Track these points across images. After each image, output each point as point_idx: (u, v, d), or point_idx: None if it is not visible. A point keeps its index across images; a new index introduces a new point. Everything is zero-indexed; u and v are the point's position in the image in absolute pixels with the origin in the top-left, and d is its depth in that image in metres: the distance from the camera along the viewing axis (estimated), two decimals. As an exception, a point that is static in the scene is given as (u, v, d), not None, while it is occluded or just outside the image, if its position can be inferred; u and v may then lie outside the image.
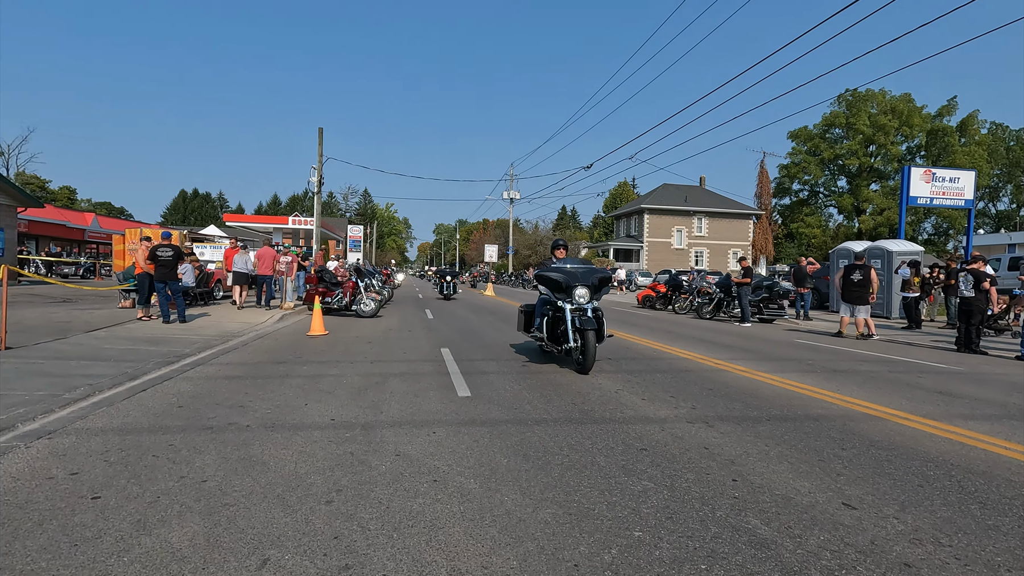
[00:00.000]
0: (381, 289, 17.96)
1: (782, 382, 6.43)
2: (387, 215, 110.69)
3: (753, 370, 7.24)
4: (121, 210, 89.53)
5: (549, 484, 3.19)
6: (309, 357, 7.78)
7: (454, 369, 6.92)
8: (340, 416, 4.64)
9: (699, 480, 3.27)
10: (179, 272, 14.48)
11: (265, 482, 3.18)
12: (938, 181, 18.77)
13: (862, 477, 3.37)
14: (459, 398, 5.37)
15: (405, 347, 8.91)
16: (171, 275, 10.52)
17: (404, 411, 4.84)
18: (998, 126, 64.62)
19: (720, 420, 4.64)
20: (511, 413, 4.80)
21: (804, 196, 66.79)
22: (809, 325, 15.04)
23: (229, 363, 7.21)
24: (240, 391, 5.54)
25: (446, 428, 4.32)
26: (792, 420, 4.69)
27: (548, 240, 56.29)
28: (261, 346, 8.80)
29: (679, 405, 5.15)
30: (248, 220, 47.53)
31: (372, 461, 3.55)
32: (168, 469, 3.36)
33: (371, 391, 5.63)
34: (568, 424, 4.47)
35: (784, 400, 5.47)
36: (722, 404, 5.22)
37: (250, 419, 4.50)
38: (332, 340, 9.59)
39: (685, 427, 4.40)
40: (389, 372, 6.70)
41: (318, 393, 5.49)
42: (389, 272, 32.96)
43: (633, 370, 7.06)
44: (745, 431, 4.32)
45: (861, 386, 6.33)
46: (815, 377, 6.85)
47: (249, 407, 4.90)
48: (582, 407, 5.05)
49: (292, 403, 5.08)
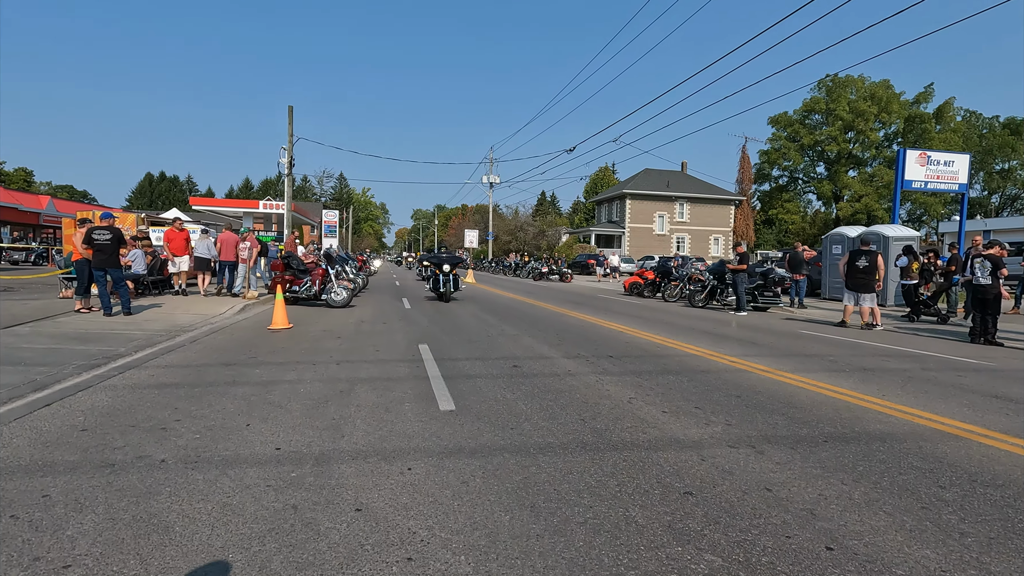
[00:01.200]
0: (355, 277, 16.79)
1: (815, 385, 5.59)
2: (364, 200, 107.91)
3: (774, 369, 6.40)
4: (84, 194, 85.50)
5: (574, 561, 2.24)
6: (265, 357, 6.70)
7: (434, 371, 5.92)
8: (289, 443, 3.62)
9: (780, 549, 2.35)
10: (127, 258, 13.19)
11: (158, 567, 2.16)
12: (933, 164, 18.23)
13: (995, 539, 2.49)
14: (441, 413, 4.38)
15: (378, 343, 7.87)
16: (111, 261, 9.21)
17: (372, 434, 3.83)
18: (972, 113, 65.25)
19: (767, 442, 3.74)
20: (507, 435, 3.84)
21: (783, 182, 66.86)
22: (805, 313, 14.37)
23: (168, 366, 6.09)
24: (169, 405, 4.47)
25: (425, 461, 3.33)
26: (854, 441, 3.82)
27: (529, 226, 55.22)
28: (212, 343, 7.67)
29: (710, 420, 4.25)
30: (216, 204, 45.28)
31: (322, 523, 2.55)
32: (19, 548, 2.31)
33: (333, 403, 4.60)
34: (581, 452, 3.52)
35: (830, 411, 4.61)
36: (761, 418, 4.33)
37: (168, 450, 3.45)
38: (295, 335, 8.49)
39: (729, 454, 3.49)
40: (357, 376, 5.67)
41: (266, 407, 4.45)
42: (364, 258, 31.62)
43: (641, 371, 6.15)
44: (805, 460, 3.42)
45: (904, 389, 5.52)
46: (847, 378, 6.03)
47: (173, 430, 3.84)
48: (593, 424, 4.11)
49: (231, 423, 4.03)
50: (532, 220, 57.82)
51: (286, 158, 24.88)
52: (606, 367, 6.32)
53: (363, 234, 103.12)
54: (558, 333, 9.16)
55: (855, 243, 17.11)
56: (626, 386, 5.38)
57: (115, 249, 9.24)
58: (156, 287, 14.07)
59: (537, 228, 54.64)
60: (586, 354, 7.17)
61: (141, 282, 13.43)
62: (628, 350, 7.60)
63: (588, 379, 5.67)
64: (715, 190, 54.89)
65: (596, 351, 7.42)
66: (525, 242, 52.58)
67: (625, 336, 9.01)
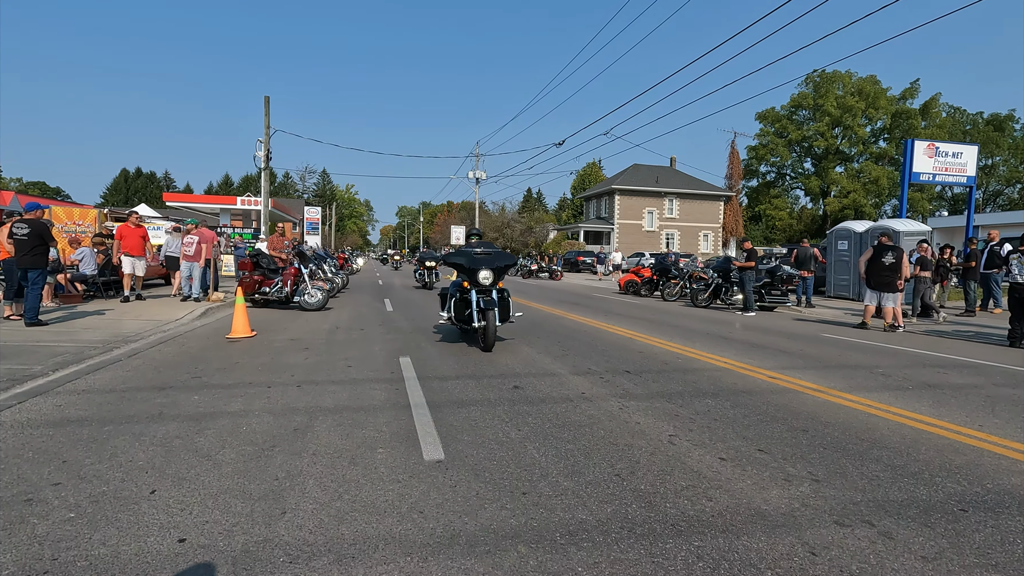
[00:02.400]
0: (333, 276, 15.54)
1: (884, 410, 4.56)
2: (347, 197, 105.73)
3: (824, 387, 5.36)
4: (57, 190, 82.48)
5: None
6: (211, 376, 5.51)
7: (418, 398, 4.78)
8: (202, 527, 2.47)
9: None
10: (72, 257, 11.82)
11: None
12: (941, 156, 17.44)
13: None
14: (425, 466, 3.25)
15: (352, 356, 6.70)
16: (30, 260, 7.83)
17: (327, 507, 2.70)
18: (956, 109, 65.42)
19: (885, 513, 2.67)
20: (519, 506, 2.72)
21: (771, 178, 66.54)
22: (815, 313, 13.47)
23: (85, 391, 4.88)
24: (57, 456, 3.29)
25: (401, 564, 2.21)
26: (1003, 510, 2.76)
27: (516, 223, 54.09)
28: (155, 357, 6.45)
29: (789, 473, 3.17)
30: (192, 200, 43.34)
31: None
32: None
33: (281, 450, 3.45)
34: (629, 538, 2.42)
35: (932, 452, 3.56)
36: (852, 468, 3.27)
37: (17, 546, 2.29)
38: (256, 345, 7.29)
39: (845, 540, 2.41)
40: (320, 405, 4.52)
41: (188, 459, 3.29)
42: (346, 256, 30.24)
43: (670, 393, 5.07)
44: (958, 548, 2.36)
45: (993, 414, 4.52)
46: (915, 398, 5.01)
47: (41, 503, 2.67)
48: (634, 483, 3.01)
49: (129, 488, 2.87)
50: (519, 217, 56.69)
51: (263, 151, 23.48)
52: (626, 387, 5.23)
53: (347, 231, 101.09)
54: (560, 341, 8.06)
55: (864, 238, 16.33)
56: (659, 416, 4.29)
57: (34, 245, 7.89)
58: (111, 289, 12.72)
59: (524, 225, 53.53)
60: (598, 369, 6.08)
61: (92, 283, 12.09)
62: (645, 363, 6.52)
63: (609, 406, 4.57)
64: (704, 186, 54.21)
65: (609, 364, 6.33)
66: (512, 239, 51.42)
67: (636, 344, 7.94)
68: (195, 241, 11.75)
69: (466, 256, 7.26)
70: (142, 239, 11.54)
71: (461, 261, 7.20)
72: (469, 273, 7.11)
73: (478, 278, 7.03)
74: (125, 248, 11.23)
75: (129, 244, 11.27)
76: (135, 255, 11.39)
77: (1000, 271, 13.32)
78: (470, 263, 7.13)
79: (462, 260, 7.20)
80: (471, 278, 7.09)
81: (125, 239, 11.21)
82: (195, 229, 12.07)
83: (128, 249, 11.26)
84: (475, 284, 7.06)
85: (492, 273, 7.11)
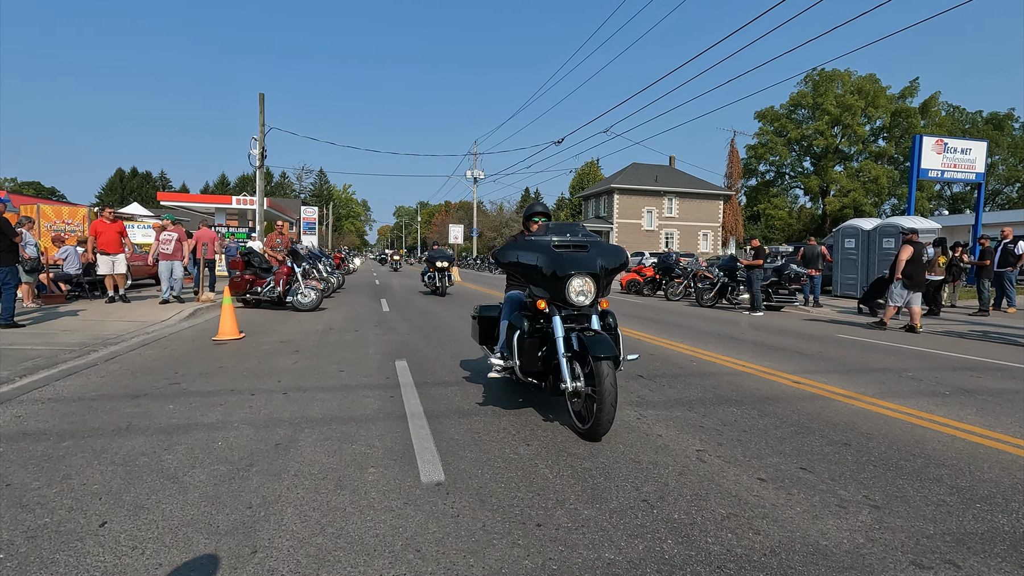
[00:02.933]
0: (328, 275, 15.10)
1: (927, 419, 4.15)
2: (345, 197, 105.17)
3: (856, 393, 4.96)
4: (52, 190, 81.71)
5: None
6: (191, 382, 5.08)
7: (414, 405, 4.36)
8: (155, 571, 2.05)
9: None
10: (56, 256, 11.38)
11: None
12: (950, 152, 17.08)
13: None
14: (423, 489, 2.83)
15: (344, 359, 6.27)
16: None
17: (305, 544, 2.27)
18: (955, 108, 65.21)
19: (973, 553, 2.25)
20: (532, 541, 2.30)
21: (770, 177, 66.24)
22: (824, 313, 13.08)
23: (51, 399, 4.45)
24: (2, 479, 2.86)
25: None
26: (1095, 540, 2.36)
27: (513, 222, 53.64)
28: (133, 361, 6.02)
29: (842, 498, 2.75)
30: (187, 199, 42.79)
31: None
32: None
33: (258, 471, 3.03)
34: (668, 582, 2.01)
35: (997, 471, 3.14)
36: (912, 491, 2.85)
37: (-83, 602, 1.87)
38: (243, 348, 6.87)
39: (922, 583, 2.01)
40: (307, 415, 4.10)
41: (152, 481, 2.86)
42: (343, 256, 29.78)
43: (690, 401, 4.66)
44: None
45: (1047, 424, 4.12)
46: (956, 405, 4.61)
47: (-36, 543, 2.24)
48: (664, 509, 2.60)
49: (72, 521, 2.44)
50: (517, 216, 56.29)
51: (257, 149, 23.01)
52: (642, 394, 4.82)
53: (344, 231, 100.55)
54: (564, 342, 7.65)
55: (872, 236, 15.92)
56: (682, 428, 3.88)
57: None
58: (96, 289, 12.27)
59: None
60: (608, 373, 5.66)
61: (76, 283, 11.64)
62: (658, 366, 6.11)
63: (625, 415, 4.15)
64: (704, 185, 53.86)
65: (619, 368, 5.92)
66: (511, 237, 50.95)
67: (645, 345, 7.53)
68: (173, 239, 11.12)
69: (541, 250, 3.88)
70: (119, 235, 10.82)
71: (533, 260, 3.87)
72: (550, 284, 3.79)
73: (569, 292, 3.75)
74: (100, 245, 10.57)
75: (105, 241, 10.59)
76: (111, 252, 10.67)
77: (1014, 269, 12.96)
78: (552, 264, 3.77)
79: (534, 258, 3.87)
80: (554, 292, 3.80)
81: (100, 235, 10.54)
82: (172, 226, 11.49)
83: (104, 246, 10.58)
84: (559, 302, 3.83)
85: (592, 282, 3.79)
